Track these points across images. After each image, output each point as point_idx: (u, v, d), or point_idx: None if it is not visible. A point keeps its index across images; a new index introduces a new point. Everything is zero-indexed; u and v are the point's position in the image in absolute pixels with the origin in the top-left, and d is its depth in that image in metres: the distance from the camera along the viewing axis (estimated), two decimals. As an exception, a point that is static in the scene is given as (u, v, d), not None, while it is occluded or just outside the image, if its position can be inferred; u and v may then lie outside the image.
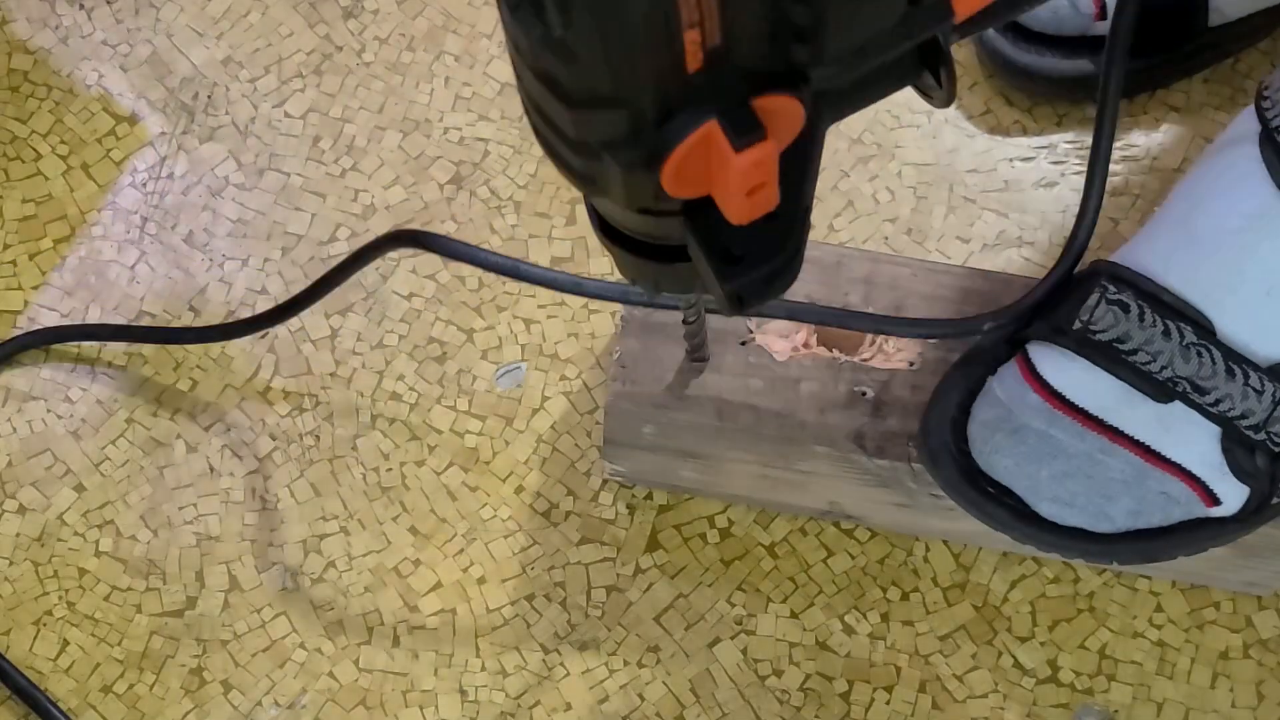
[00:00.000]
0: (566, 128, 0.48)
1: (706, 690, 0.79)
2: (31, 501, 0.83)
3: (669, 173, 0.48)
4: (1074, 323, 0.71)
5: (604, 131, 0.48)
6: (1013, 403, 0.71)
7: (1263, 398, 0.69)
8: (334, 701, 0.79)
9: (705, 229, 0.52)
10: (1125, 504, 0.71)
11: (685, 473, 0.80)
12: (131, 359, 0.85)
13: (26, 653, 0.80)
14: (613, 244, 0.57)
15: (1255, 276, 0.68)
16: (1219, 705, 0.80)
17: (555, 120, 0.49)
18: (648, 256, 0.57)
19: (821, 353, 0.76)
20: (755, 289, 0.53)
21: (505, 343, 0.86)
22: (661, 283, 0.59)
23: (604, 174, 0.50)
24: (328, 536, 0.82)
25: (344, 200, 0.89)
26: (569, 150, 0.50)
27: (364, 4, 0.93)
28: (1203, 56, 0.90)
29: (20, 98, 0.91)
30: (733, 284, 0.53)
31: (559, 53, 0.45)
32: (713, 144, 0.48)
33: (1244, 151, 0.69)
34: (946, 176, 0.89)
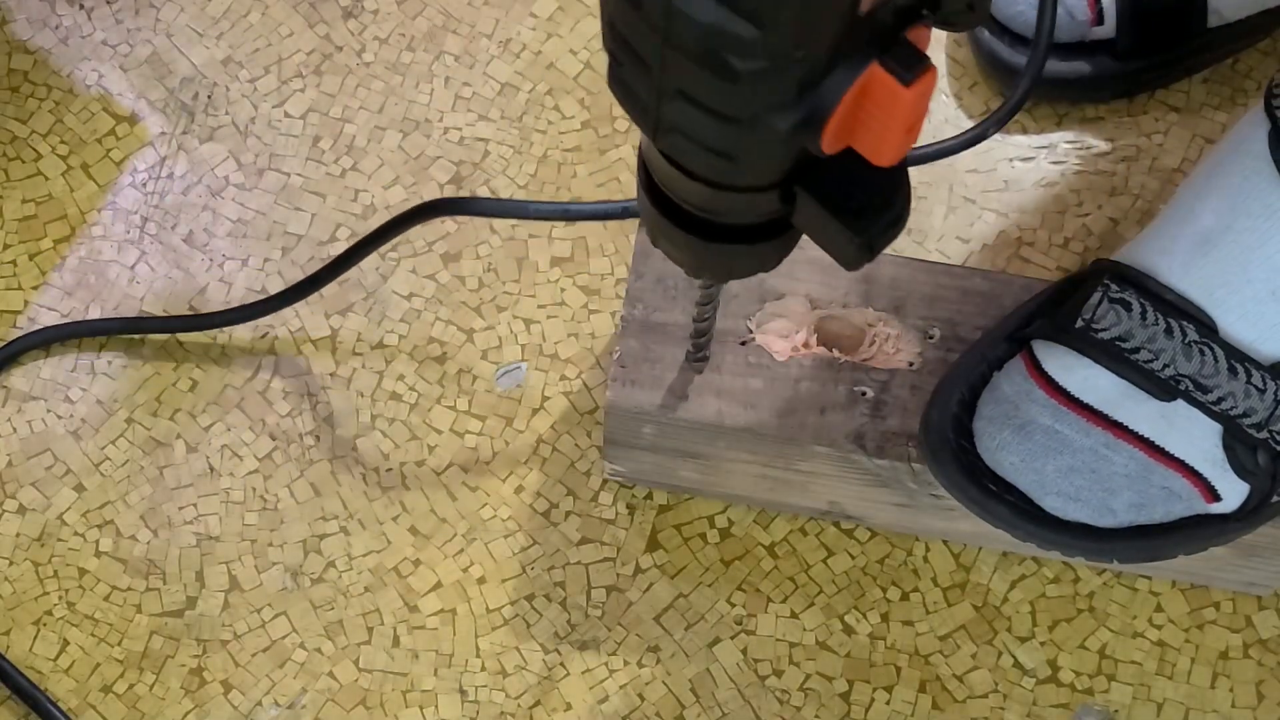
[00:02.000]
0: (729, 104, 0.49)
1: (706, 690, 0.79)
2: (31, 501, 0.83)
3: (832, 127, 0.49)
4: (1076, 321, 0.71)
5: (770, 99, 0.49)
6: (1019, 399, 0.71)
7: (1265, 396, 0.69)
8: (334, 701, 0.79)
9: (823, 189, 0.54)
10: (1128, 498, 0.71)
11: (685, 473, 0.80)
12: (131, 359, 0.85)
13: (26, 653, 0.80)
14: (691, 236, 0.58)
15: (1260, 276, 0.68)
16: (1219, 705, 0.80)
17: (712, 101, 0.49)
18: (734, 240, 0.58)
19: (821, 353, 0.76)
20: (883, 235, 0.55)
21: (505, 343, 0.86)
22: (736, 268, 0.61)
23: (753, 147, 0.51)
24: (328, 536, 0.82)
25: (344, 200, 0.89)
26: (719, 131, 0.50)
27: (364, 4, 0.93)
28: (1203, 56, 0.90)
29: (20, 98, 0.91)
30: (865, 235, 0.54)
31: (747, 18, 0.46)
32: (873, 88, 0.49)
33: (1251, 150, 0.69)
34: (946, 176, 0.89)
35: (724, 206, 0.57)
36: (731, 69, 0.48)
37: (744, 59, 0.47)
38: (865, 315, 0.77)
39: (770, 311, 0.77)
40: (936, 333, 0.77)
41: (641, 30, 0.49)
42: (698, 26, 0.47)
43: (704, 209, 0.57)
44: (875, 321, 0.77)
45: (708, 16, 0.47)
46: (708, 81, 0.49)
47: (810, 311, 0.77)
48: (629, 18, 0.49)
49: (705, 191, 0.56)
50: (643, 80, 0.51)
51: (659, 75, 0.50)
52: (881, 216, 0.55)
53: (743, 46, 0.47)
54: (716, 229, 0.58)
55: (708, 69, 0.48)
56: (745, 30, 0.46)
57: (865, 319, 0.77)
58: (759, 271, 0.62)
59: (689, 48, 0.48)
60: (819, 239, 0.56)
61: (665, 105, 0.51)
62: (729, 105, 0.49)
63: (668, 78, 0.50)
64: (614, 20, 0.50)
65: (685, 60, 0.48)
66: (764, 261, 0.61)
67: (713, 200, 0.56)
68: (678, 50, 0.48)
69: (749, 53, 0.47)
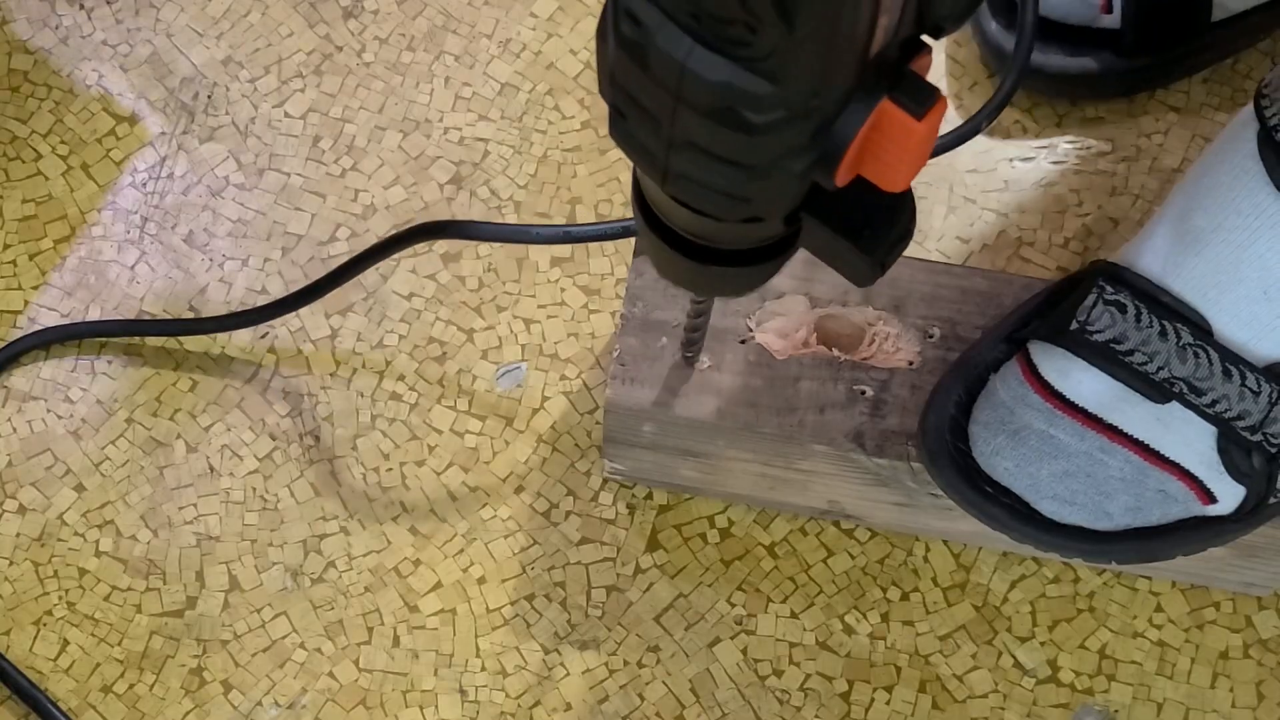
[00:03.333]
0: (744, 154, 0.49)
1: (706, 690, 0.79)
2: (31, 501, 0.83)
3: (846, 164, 0.49)
4: (1071, 323, 0.71)
5: (784, 145, 0.49)
6: (1014, 403, 0.71)
7: (1259, 399, 0.69)
8: (334, 701, 0.79)
9: (832, 215, 0.54)
10: (1124, 501, 0.71)
11: (685, 471, 0.80)
12: (131, 359, 0.85)
13: (26, 653, 0.80)
14: (685, 259, 0.58)
15: (1251, 277, 0.68)
16: (1219, 705, 0.80)
17: (727, 153, 0.49)
18: (735, 264, 0.58)
19: (821, 351, 0.76)
20: (893, 251, 0.55)
21: (505, 343, 0.86)
22: (729, 287, 0.61)
23: (768, 189, 0.51)
24: (328, 536, 0.82)
25: (344, 200, 0.89)
26: (732, 178, 0.50)
27: (364, 4, 0.93)
28: (1203, 56, 0.90)
29: (20, 98, 0.91)
30: (875, 254, 0.55)
31: (760, 74, 0.46)
32: (885, 123, 0.49)
33: (1242, 151, 0.69)
34: (946, 176, 0.89)
35: (725, 236, 0.57)
36: (747, 123, 0.47)
37: (759, 113, 0.47)
38: (865, 314, 0.77)
39: (770, 310, 0.77)
40: (936, 332, 0.77)
41: (652, 88, 0.49)
42: (712, 86, 0.47)
43: (703, 237, 0.57)
44: (875, 320, 0.77)
45: (721, 75, 0.46)
46: (722, 135, 0.48)
47: (810, 310, 0.77)
48: (636, 77, 0.49)
49: (707, 224, 0.56)
50: (650, 133, 0.51)
51: (669, 129, 0.49)
52: (890, 234, 0.55)
53: (758, 102, 0.47)
54: (712, 253, 0.58)
55: (722, 124, 0.48)
56: (760, 87, 0.46)
57: (865, 318, 0.77)
58: (748, 291, 0.62)
59: (702, 105, 0.48)
60: (828, 259, 0.56)
61: (675, 155, 0.51)
62: (744, 156, 0.49)
63: (679, 132, 0.49)
64: (618, 76, 0.50)
65: (698, 116, 0.48)
66: (757, 280, 0.61)
67: (713, 230, 0.56)
68: (690, 107, 0.48)
69: (764, 107, 0.47)
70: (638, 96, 0.49)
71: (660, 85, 0.48)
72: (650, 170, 0.53)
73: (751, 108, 0.47)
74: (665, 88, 0.48)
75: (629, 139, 0.52)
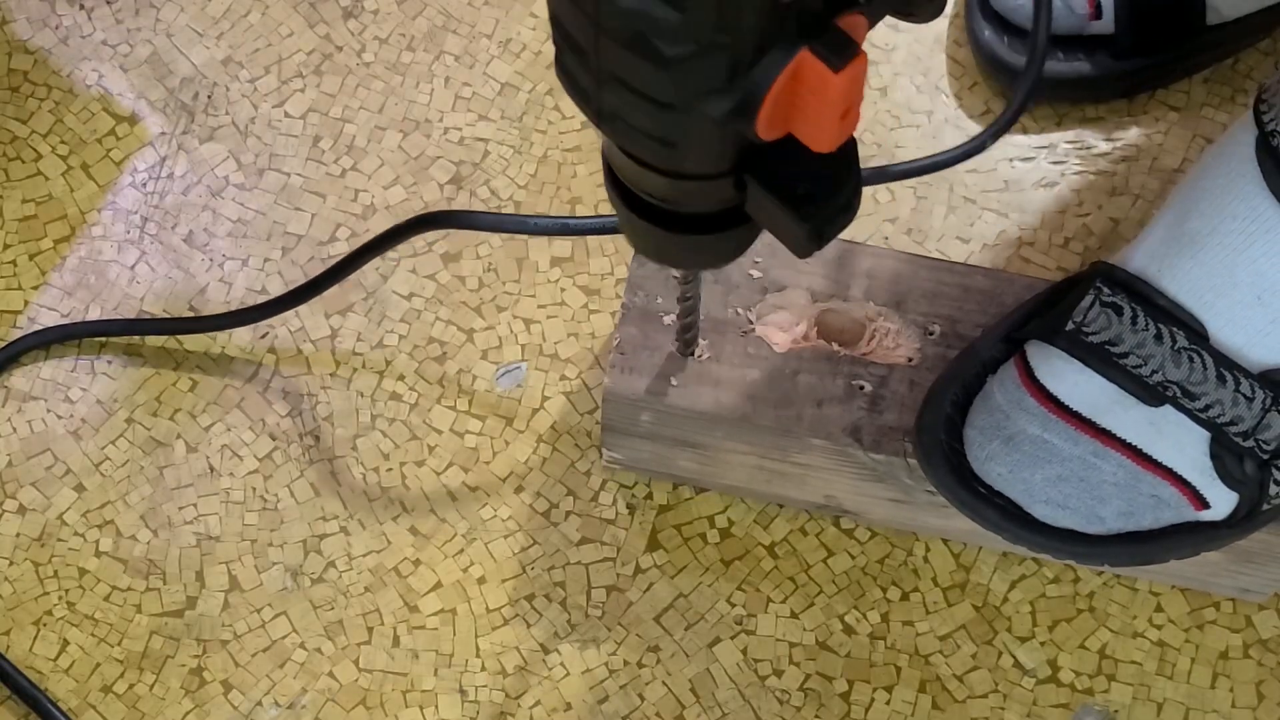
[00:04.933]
0: (661, 89, 0.50)
1: (706, 690, 0.79)
2: (31, 501, 0.83)
3: (765, 113, 0.50)
4: (1068, 324, 0.71)
5: (700, 84, 0.49)
6: (1010, 408, 0.71)
7: (1252, 405, 0.69)
8: (334, 701, 0.79)
9: (771, 177, 0.54)
10: (1116, 505, 0.71)
11: (683, 462, 0.80)
12: (131, 359, 0.85)
13: (26, 653, 0.80)
14: (651, 225, 0.59)
15: (1246, 282, 0.68)
16: (1219, 705, 0.79)
17: (645, 87, 0.50)
18: (693, 230, 0.59)
19: (821, 346, 0.76)
20: (832, 222, 0.55)
21: (505, 343, 0.86)
22: (697, 258, 0.62)
23: (691, 133, 0.51)
24: (328, 536, 0.82)
25: (344, 200, 0.89)
26: (655, 117, 0.51)
27: (364, 4, 0.93)
28: (1203, 56, 0.90)
29: (20, 98, 0.91)
30: (813, 222, 0.55)
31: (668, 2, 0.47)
32: (804, 74, 0.49)
33: (1240, 155, 0.69)
34: (946, 176, 0.89)
35: (679, 195, 0.57)
36: (660, 54, 0.48)
37: (670, 44, 0.48)
38: (866, 310, 0.77)
39: (771, 303, 0.77)
40: (936, 329, 0.77)
41: (577, 17, 0.50)
42: (622, 12, 0.48)
43: (660, 198, 0.58)
44: (876, 316, 0.77)
45: (630, 2, 0.47)
46: (639, 67, 0.49)
47: (811, 304, 0.77)
48: (565, 6, 0.50)
49: (659, 180, 0.56)
50: (582, 68, 0.52)
51: (595, 62, 0.51)
52: (830, 204, 0.55)
53: (667, 31, 0.48)
54: (675, 218, 0.59)
55: (637, 54, 0.49)
56: (667, 14, 0.47)
57: (866, 313, 0.77)
58: (722, 263, 0.62)
59: (618, 33, 0.49)
60: (770, 226, 0.57)
61: (603, 92, 0.52)
62: (661, 91, 0.50)
63: (603, 64, 0.50)
64: (553, 8, 0.51)
65: (616, 46, 0.49)
66: (725, 253, 0.61)
67: (668, 189, 0.57)
68: (609, 36, 0.49)
69: (674, 38, 0.48)
70: (569, 28, 0.51)
71: (584, 13, 0.49)
72: (587, 110, 0.53)
73: (661, 37, 0.48)
74: (588, 15, 0.49)
75: (568, 75, 0.53)
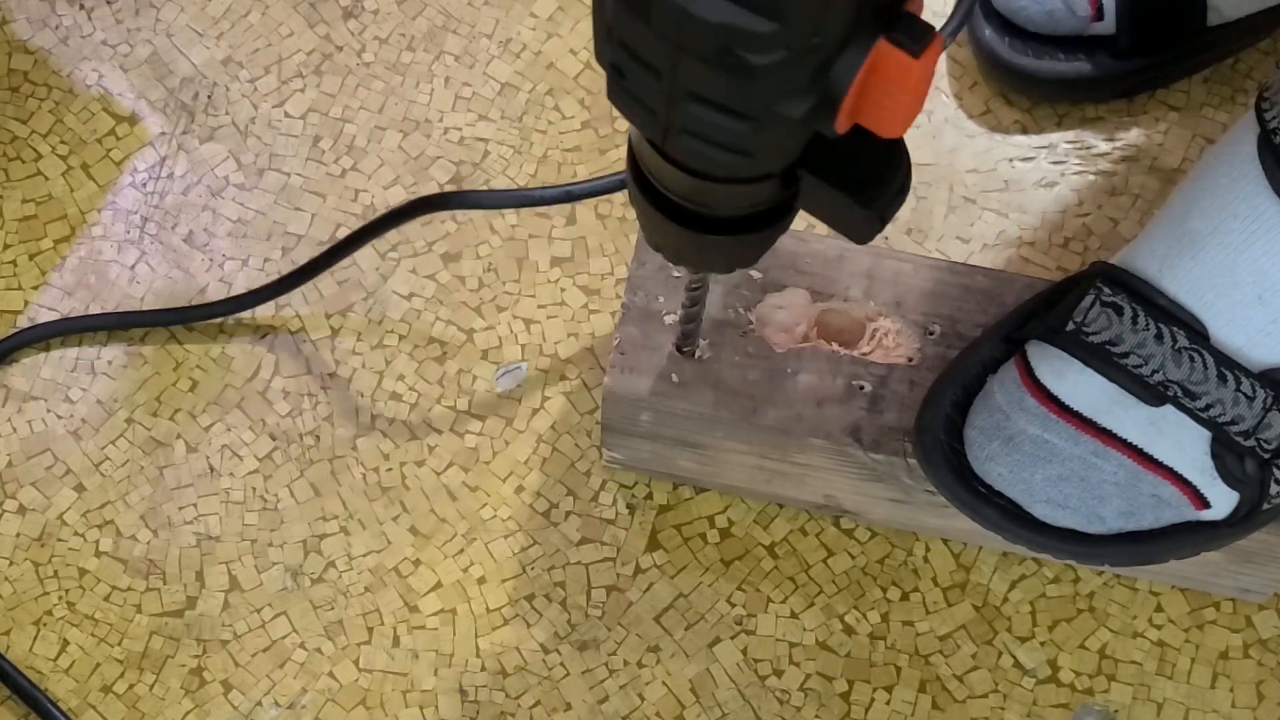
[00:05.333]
0: (744, 100, 0.49)
1: (706, 690, 0.79)
2: (31, 501, 0.83)
3: (847, 107, 0.50)
4: (1068, 324, 0.71)
5: (785, 89, 0.49)
6: (1010, 408, 0.71)
7: (1253, 404, 0.69)
8: (334, 701, 0.79)
9: (828, 169, 0.55)
10: (1117, 505, 0.71)
11: (683, 462, 0.80)
12: (131, 359, 0.85)
13: (26, 653, 0.80)
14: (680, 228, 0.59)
15: (1247, 280, 0.68)
16: (1219, 705, 0.79)
17: (726, 99, 0.49)
18: (723, 232, 0.59)
19: (821, 345, 0.76)
20: (893, 204, 0.56)
21: (505, 343, 0.86)
22: (736, 259, 0.62)
23: (768, 138, 0.51)
24: (328, 536, 0.82)
25: (344, 200, 0.89)
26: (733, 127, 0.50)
27: (364, 4, 0.93)
28: (1203, 56, 0.90)
29: (20, 98, 0.91)
30: (874, 206, 0.55)
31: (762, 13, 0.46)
32: (883, 64, 0.49)
33: (1241, 154, 0.69)
34: (946, 176, 0.89)
35: (720, 199, 0.57)
36: (747, 65, 0.48)
37: (760, 54, 0.47)
38: (866, 310, 0.77)
39: (771, 303, 0.77)
40: (937, 329, 0.77)
41: (651, 39, 0.49)
42: (713, 28, 0.47)
43: (696, 202, 0.57)
44: (876, 316, 0.77)
45: (722, 17, 0.47)
46: (723, 80, 0.49)
47: (811, 304, 0.77)
48: (636, 29, 0.49)
49: (702, 185, 0.56)
50: (651, 88, 0.51)
51: (669, 81, 0.50)
52: (889, 185, 0.55)
53: (759, 42, 0.47)
54: (706, 221, 0.59)
55: (723, 68, 0.48)
56: (762, 26, 0.47)
57: (866, 313, 0.77)
58: (744, 265, 0.62)
59: (703, 50, 0.48)
60: (828, 217, 0.57)
61: (676, 109, 0.51)
62: (744, 102, 0.49)
63: (680, 83, 0.50)
64: (616, 32, 0.50)
65: (699, 63, 0.48)
66: (750, 254, 0.61)
67: (707, 193, 0.57)
68: (691, 54, 0.48)
69: (765, 47, 0.47)
70: (637, 50, 0.50)
71: (660, 34, 0.48)
72: (651, 129, 0.53)
73: (753, 49, 0.47)
74: (666, 36, 0.48)
75: (629, 98, 0.52)
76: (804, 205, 0.57)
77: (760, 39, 0.47)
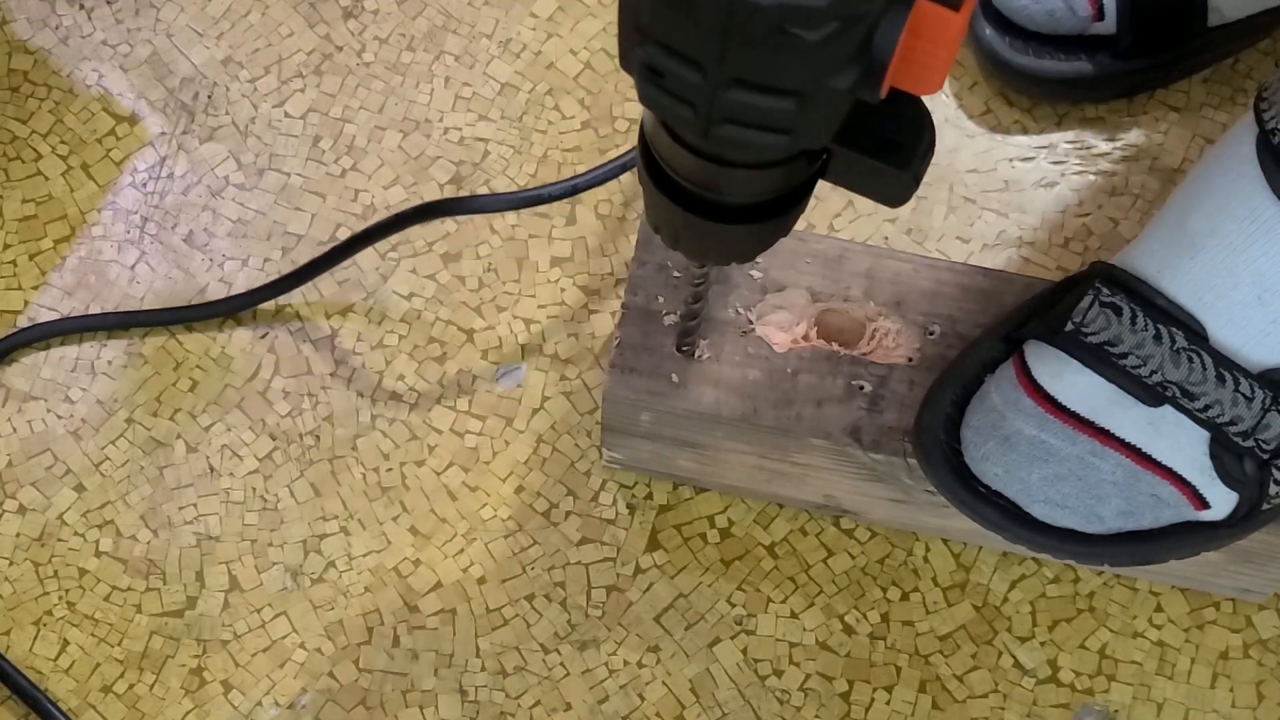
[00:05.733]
0: (794, 77, 0.49)
1: (706, 690, 0.79)
2: (31, 501, 0.83)
3: (894, 68, 0.50)
4: (1067, 324, 0.71)
5: (835, 61, 0.49)
6: (1006, 408, 0.71)
7: (1252, 405, 0.69)
8: (334, 701, 0.79)
9: (857, 139, 0.55)
10: (1116, 505, 0.71)
11: (683, 462, 0.80)
12: (131, 359, 0.85)
13: (26, 653, 0.80)
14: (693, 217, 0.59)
15: (1246, 281, 0.68)
16: (1219, 705, 0.79)
17: (776, 80, 0.49)
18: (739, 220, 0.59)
19: (821, 345, 0.76)
20: (924, 161, 0.56)
21: (505, 343, 0.86)
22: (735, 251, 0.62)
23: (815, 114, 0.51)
24: (328, 536, 0.82)
25: (344, 200, 0.89)
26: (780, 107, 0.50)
27: (364, 4, 0.93)
28: (1203, 56, 0.90)
29: (20, 98, 0.91)
30: (909, 167, 0.56)
31: None
32: (923, 24, 0.49)
33: (1240, 155, 0.69)
34: (946, 176, 0.89)
35: (742, 185, 0.57)
36: (800, 41, 0.47)
37: (814, 29, 0.47)
38: (866, 309, 0.77)
39: (771, 303, 0.77)
40: (936, 329, 0.77)
41: (693, 32, 0.48)
42: (764, 10, 0.47)
43: (714, 190, 0.57)
44: (876, 316, 0.77)
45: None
46: (773, 61, 0.48)
47: (811, 304, 0.77)
48: (677, 24, 0.49)
49: (720, 170, 0.56)
50: (692, 82, 0.50)
51: (715, 73, 0.49)
52: (919, 144, 0.56)
53: (813, 17, 0.47)
54: (721, 209, 0.59)
55: (775, 49, 0.48)
56: (816, 0, 0.47)
57: (866, 313, 0.77)
58: (742, 259, 0.63)
59: (754, 34, 0.47)
60: (861, 187, 0.57)
61: (720, 99, 0.50)
62: (795, 79, 0.49)
63: (724, 71, 0.49)
64: (654, 31, 0.50)
65: (748, 48, 0.48)
66: (763, 242, 0.61)
67: (725, 177, 0.56)
68: (739, 40, 0.48)
69: (819, 21, 0.47)
70: (679, 46, 0.49)
71: (706, 25, 0.48)
72: (690, 124, 0.52)
73: (806, 24, 0.47)
74: (712, 26, 0.48)
75: (666, 97, 0.52)
76: (835, 179, 0.57)
77: (814, 13, 0.47)
